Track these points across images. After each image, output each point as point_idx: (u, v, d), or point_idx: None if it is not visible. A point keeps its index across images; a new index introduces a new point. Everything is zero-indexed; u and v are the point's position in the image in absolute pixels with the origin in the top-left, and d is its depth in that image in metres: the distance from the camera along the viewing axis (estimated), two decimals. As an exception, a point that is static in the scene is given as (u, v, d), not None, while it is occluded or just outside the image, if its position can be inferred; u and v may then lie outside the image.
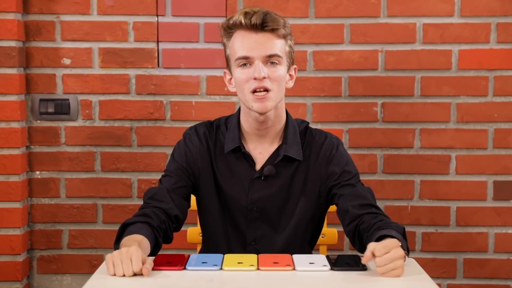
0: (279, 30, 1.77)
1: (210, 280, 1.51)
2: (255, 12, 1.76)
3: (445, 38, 2.69)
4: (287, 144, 1.86)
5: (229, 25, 1.79)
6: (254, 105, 1.77)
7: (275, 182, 1.86)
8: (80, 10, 2.69)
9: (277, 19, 1.78)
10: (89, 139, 2.73)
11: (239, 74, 1.78)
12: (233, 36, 1.79)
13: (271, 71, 1.77)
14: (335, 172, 1.87)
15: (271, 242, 1.89)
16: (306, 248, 1.96)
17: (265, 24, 1.75)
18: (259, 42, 1.76)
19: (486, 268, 2.75)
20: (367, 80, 2.71)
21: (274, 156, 1.86)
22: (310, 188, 1.88)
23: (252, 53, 1.76)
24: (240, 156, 1.87)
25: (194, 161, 1.89)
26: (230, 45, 1.81)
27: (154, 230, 1.73)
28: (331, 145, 1.90)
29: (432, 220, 2.75)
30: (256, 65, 1.75)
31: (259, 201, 1.87)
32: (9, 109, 2.63)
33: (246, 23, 1.75)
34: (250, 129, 1.86)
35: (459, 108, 2.71)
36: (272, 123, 1.85)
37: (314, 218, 1.92)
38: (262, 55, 1.76)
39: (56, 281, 2.78)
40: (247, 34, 1.76)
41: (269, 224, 1.89)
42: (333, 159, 1.88)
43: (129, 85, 2.72)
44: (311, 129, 1.94)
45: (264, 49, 1.76)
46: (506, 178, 2.72)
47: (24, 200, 2.69)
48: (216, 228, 1.91)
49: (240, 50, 1.77)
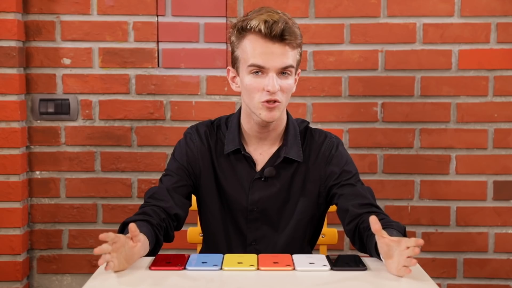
0: (295, 42, 1.76)
1: (210, 280, 1.51)
2: (275, 22, 1.71)
3: (445, 38, 2.69)
4: (287, 146, 1.86)
5: (243, 27, 1.75)
6: (263, 114, 1.76)
7: (275, 183, 1.86)
8: (80, 10, 2.69)
9: (296, 32, 1.75)
10: (89, 139, 2.73)
11: (250, 81, 1.76)
12: (245, 38, 1.76)
13: (283, 83, 1.75)
14: (334, 172, 1.87)
15: (271, 243, 1.89)
16: (306, 248, 1.96)
17: (284, 37, 1.72)
18: (275, 53, 1.73)
19: (486, 268, 2.75)
20: (367, 80, 2.71)
21: (275, 158, 1.86)
22: (309, 188, 1.88)
23: (267, 64, 1.73)
24: (241, 157, 1.87)
25: (195, 160, 1.89)
26: (241, 47, 1.77)
27: (153, 228, 1.73)
28: (331, 145, 1.90)
29: (432, 220, 2.75)
30: (270, 77, 1.73)
31: (259, 201, 1.87)
32: (9, 109, 2.63)
33: (265, 32, 1.71)
34: (251, 131, 1.86)
35: (459, 108, 2.71)
36: (274, 127, 1.84)
37: (313, 218, 1.92)
38: (278, 67, 1.74)
39: (56, 281, 2.78)
40: (264, 43, 1.73)
41: (269, 225, 1.89)
42: (332, 159, 1.88)
43: (129, 85, 2.72)
44: (311, 129, 1.94)
45: (280, 61, 1.73)
46: (506, 178, 2.72)
47: (24, 200, 2.69)
48: (216, 228, 1.91)
49: (254, 58, 1.74)
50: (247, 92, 1.78)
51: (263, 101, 1.75)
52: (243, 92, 1.81)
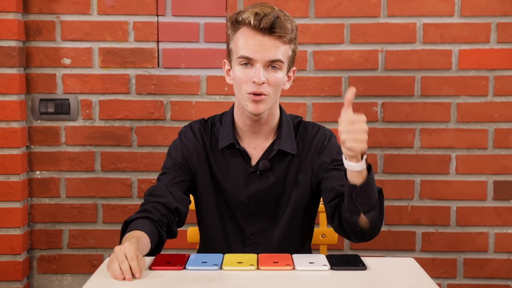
0: (286, 36, 1.77)
1: (210, 280, 1.51)
2: (266, 15, 1.74)
3: (445, 38, 2.69)
4: (281, 139, 1.88)
5: (237, 20, 1.78)
6: (249, 105, 1.79)
7: (269, 175, 1.88)
8: (80, 10, 2.69)
9: (286, 26, 1.76)
10: (89, 139, 2.73)
11: (238, 72, 1.79)
12: (239, 31, 1.79)
13: (270, 76, 1.77)
14: (325, 161, 1.88)
15: (269, 236, 1.89)
16: (305, 244, 1.97)
17: (273, 30, 1.74)
18: (264, 45, 1.75)
19: (486, 268, 2.75)
20: (367, 80, 2.71)
21: (269, 151, 1.88)
22: (302, 179, 1.89)
23: (255, 55, 1.75)
24: (235, 152, 1.89)
25: (191, 156, 1.90)
26: (234, 39, 1.80)
27: (155, 224, 1.73)
28: (323, 137, 1.92)
29: (432, 220, 2.75)
30: (257, 69, 1.76)
31: (256, 195, 1.88)
32: (9, 109, 2.63)
33: (254, 24, 1.74)
34: (244, 126, 1.88)
35: (459, 108, 2.71)
36: (266, 121, 1.87)
37: (307, 209, 1.93)
38: (265, 60, 1.76)
39: (56, 281, 2.78)
40: (253, 35, 1.76)
41: (266, 218, 1.90)
42: (324, 149, 1.89)
43: (129, 85, 2.72)
44: (304, 122, 1.96)
45: (268, 53, 1.75)
46: (506, 178, 2.72)
47: (24, 200, 2.69)
48: (214, 223, 1.92)
49: (243, 49, 1.77)
50: (236, 83, 1.81)
51: (249, 93, 1.77)
52: (234, 84, 1.83)
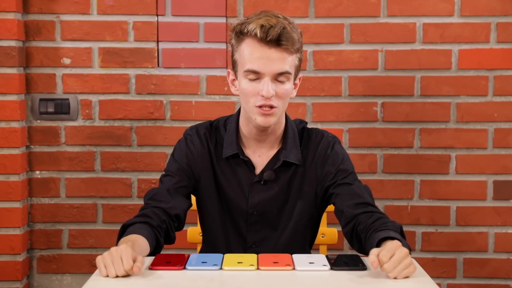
0: (293, 47, 1.73)
1: (210, 280, 1.50)
2: (272, 26, 1.69)
3: (445, 38, 2.69)
4: (286, 149, 1.85)
5: (241, 31, 1.74)
6: (258, 119, 1.76)
7: (274, 186, 1.86)
8: (80, 10, 2.69)
9: (293, 37, 1.72)
10: (89, 139, 2.73)
11: (246, 86, 1.75)
12: (243, 42, 1.74)
13: (279, 88, 1.74)
14: (330, 171, 1.86)
15: (271, 245, 1.88)
16: (306, 250, 1.96)
17: (280, 42, 1.70)
18: (271, 58, 1.71)
19: (486, 268, 2.75)
20: (367, 80, 2.71)
21: (274, 161, 1.86)
22: (307, 189, 1.88)
23: (262, 69, 1.71)
24: (240, 161, 1.86)
25: (195, 162, 1.89)
26: (239, 51, 1.76)
27: (154, 229, 1.72)
28: (327, 145, 1.89)
29: (432, 220, 2.75)
30: (265, 82, 1.72)
31: (259, 204, 1.86)
32: (9, 109, 2.63)
33: (261, 36, 1.70)
34: (250, 134, 1.85)
35: (459, 108, 2.71)
36: (272, 130, 1.84)
37: (312, 219, 1.92)
38: (273, 73, 1.72)
39: (56, 281, 2.78)
40: (260, 47, 1.71)
41: (269, 227, 1.89)
42: (328, 159, 1.87)
43: (129, 85, 2.72)
44: (308, 129, 1.93)
45: (276, 66, 1.71)
46: (506, 178, 2.72)
47: (24, 200, 2.69)
48: (216, 230, 1.91)
49: (250, 63, 1.72)
50: (243, 96, 1.78)
51: (257, 106, 1.74)
52: (240, 96, 1.80)
